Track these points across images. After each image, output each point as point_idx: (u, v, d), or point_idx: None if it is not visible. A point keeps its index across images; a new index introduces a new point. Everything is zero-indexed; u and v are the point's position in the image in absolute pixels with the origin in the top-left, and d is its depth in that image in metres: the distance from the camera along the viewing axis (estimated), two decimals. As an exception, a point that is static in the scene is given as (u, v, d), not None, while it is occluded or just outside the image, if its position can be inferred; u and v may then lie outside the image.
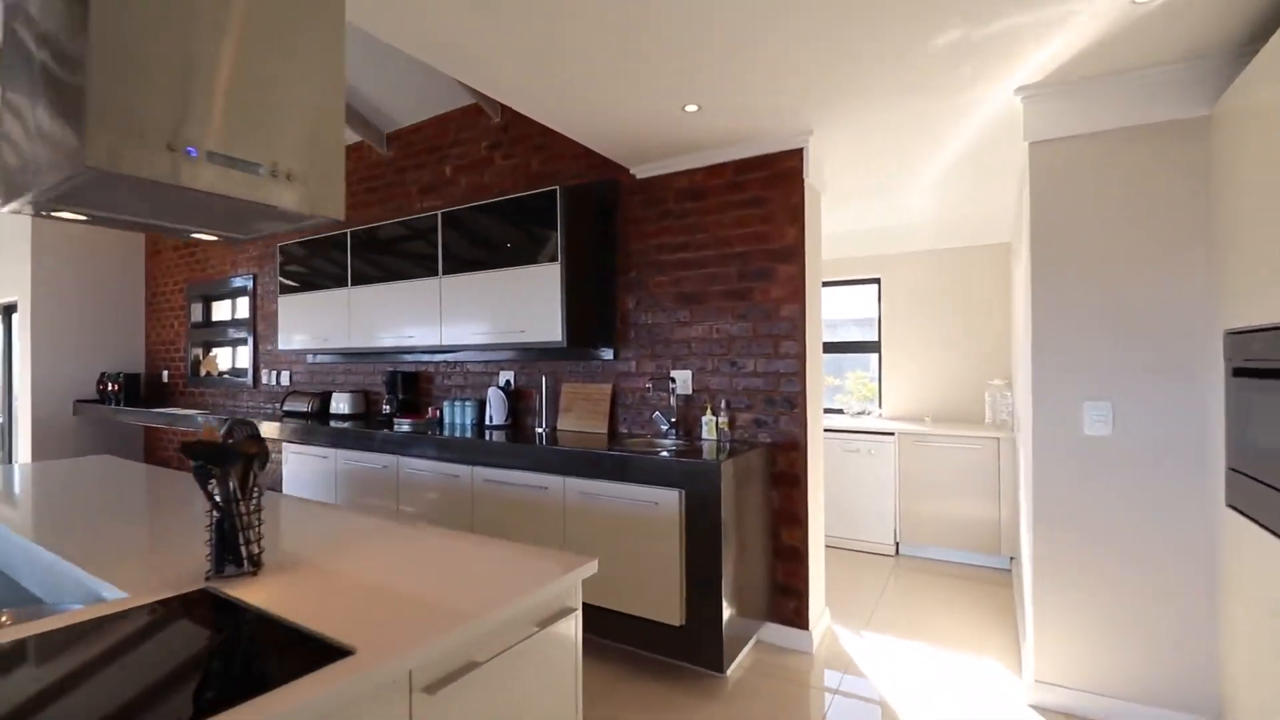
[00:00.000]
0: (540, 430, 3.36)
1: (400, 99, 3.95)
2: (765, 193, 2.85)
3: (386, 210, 4.30)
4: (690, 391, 3.03)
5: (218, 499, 1.30)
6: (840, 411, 4.77)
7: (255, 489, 1.35)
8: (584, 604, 2.68)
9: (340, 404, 4.31)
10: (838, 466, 4.19)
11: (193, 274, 5.97)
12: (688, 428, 3.05)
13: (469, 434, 3.31)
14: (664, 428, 2.99)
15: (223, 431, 1.31)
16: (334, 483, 3.74)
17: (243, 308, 5.51)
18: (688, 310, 3.06)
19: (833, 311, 5.03)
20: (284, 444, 4.05)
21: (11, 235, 6.01)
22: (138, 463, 2.66)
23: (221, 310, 5.82)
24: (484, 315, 3.32)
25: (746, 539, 2.58)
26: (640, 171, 3.16)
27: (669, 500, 2.44)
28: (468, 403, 3.73)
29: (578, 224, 3.09)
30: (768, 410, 2.84)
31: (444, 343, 3.49)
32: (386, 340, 3.76)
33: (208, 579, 1.28)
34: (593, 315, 3.20)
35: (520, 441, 3.00)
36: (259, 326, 5.32)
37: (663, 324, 3.13)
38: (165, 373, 6.34)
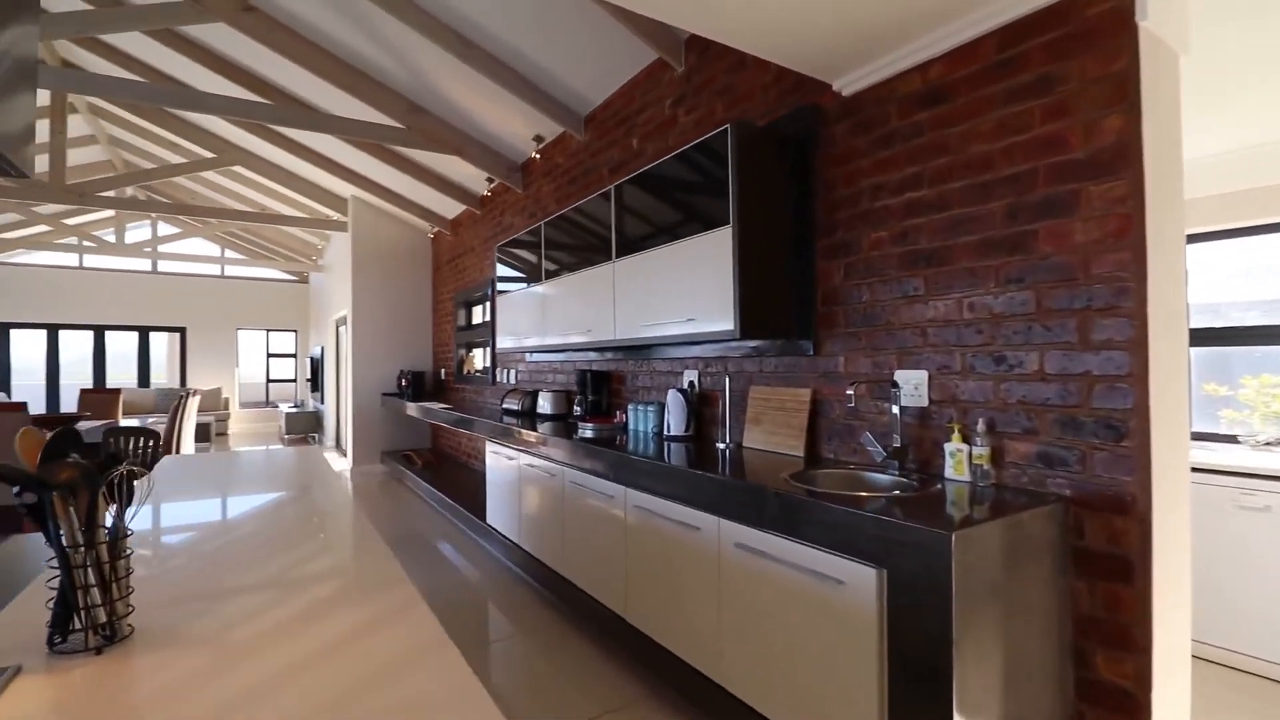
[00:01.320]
0: (721, 446, 2.61)
1: (589, 73, 3.58)
2: (1057, 65, 1.66)
3: (585, 198, 4.00)
4: (925, 402, 1.97)
5: (64, 542, 0.91)
6: (1233, 440, 2.94)
7: (107, 530, 0.93)
8: (723, 690, 1.88)
9: (545, 403, 4.15)
10: (1224, 533, 2.50)
11: (459, 283, 6.63)
12: (921, 458, 1.99)
13: (650, 444, 2.74)
14: (879, 456, 1.99)
15: (48, 446, 0.91)
16: (518, 486, 3.53)
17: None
18: (920, 278, 2.00)
19: (1211, 279, 3.19)
20: (486, 441, 4.03)
21: (341, 259, 7.46)
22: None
23: (479, 314, 6.33)
24: (650, 301, 2.71)
25: (1017, 666, 1.47)
26: (848, 84, 2.19)
27: (860, 582, 1.49)
28: (649, 407, 3.16)
29: (757, 172, 2.27)
30: (1068, 438, 1.64)
31: (617, 337, 2.98)
32: (573, 336, 3.41)
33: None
34: (780, 293, 2.34)
35: (701, 459, 2.31)
36: (495, 328, 5.59)
37: (882, 301, 2.12)
38: (442, 371, 7.21)
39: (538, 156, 4.51)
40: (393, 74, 4.19)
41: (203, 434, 9.51)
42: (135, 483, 0.99)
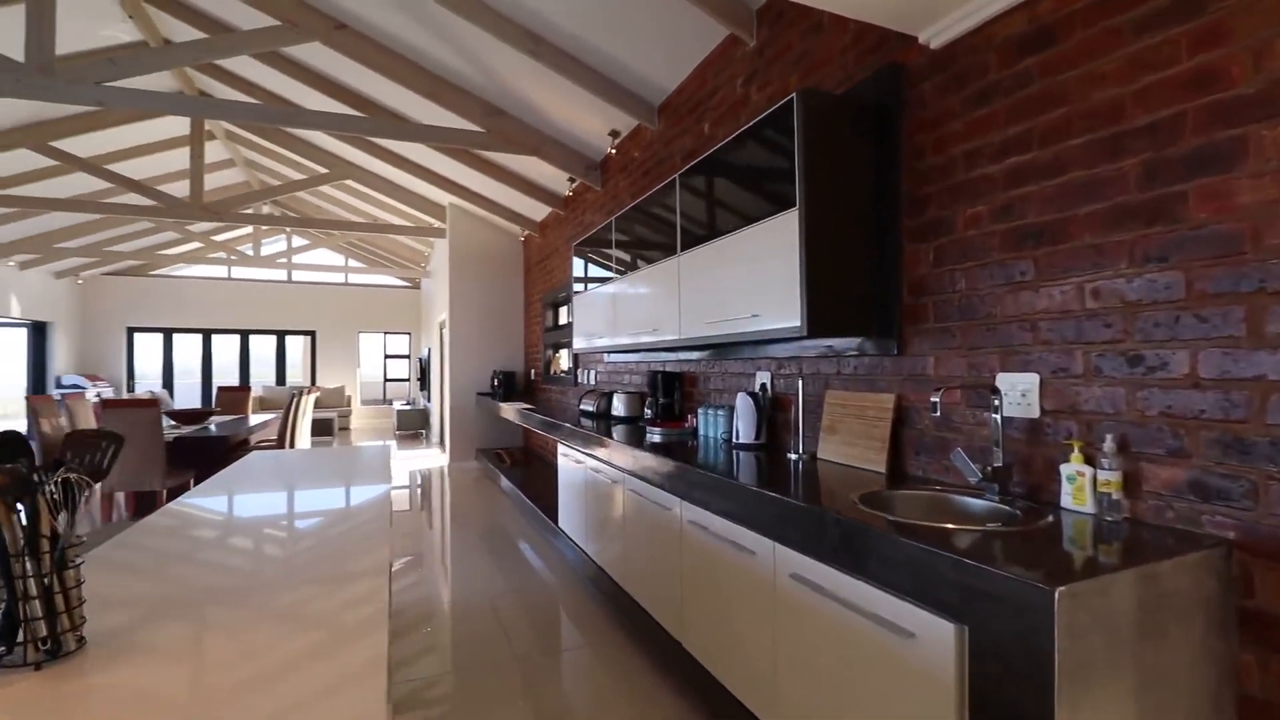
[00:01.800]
0: (792, 457, 2.34)
1: (660, 60, 3.40)
2: (1218, -26, 1.27)
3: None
4: (1035, 413, 1.61)
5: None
6: None
7: (46, 538, 0.87)
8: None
9: (619, 405, 4.03)
10: None
11: (546, 284, 6.69)
12: (1029, 482, 1.62)
13: (718, 453, 2.53)
14: (974, 477, 1.65)
15: None
16: (583, 490, 3.42)
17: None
18: (1028, 259, 1.64)
19: None
20: (559, 443, 3.96)
21: (443, 265, 7.79)
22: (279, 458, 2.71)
23: (564, 315, 6.36)
24: (713, 297, 2.49)
25: (1152, 761, 1.11)
26: (938, 34, 1.86)
27: (935, 637, 1.20)
28: (719, 411, 2.94)
29: (828, 146, 1.99)
30: (1231, 463, 1.25)
31: (682, 336, 2.78)
32: (641, 335, 3.25)
33: None
34: (857, 284, 2.04)
35: (765, 471, 2.08)
36: (573, 328, 5.56)
37: (981, 290, 1.77)
38: (532, 371, 7.32)
39: (613, 152, 4.40)
40: (471, 78, 4.24)
41: (326, 428, 10.35)
42: (86, 492, 0.94)
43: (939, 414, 1.56)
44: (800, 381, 2.41)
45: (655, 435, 3.09)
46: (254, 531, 1.58)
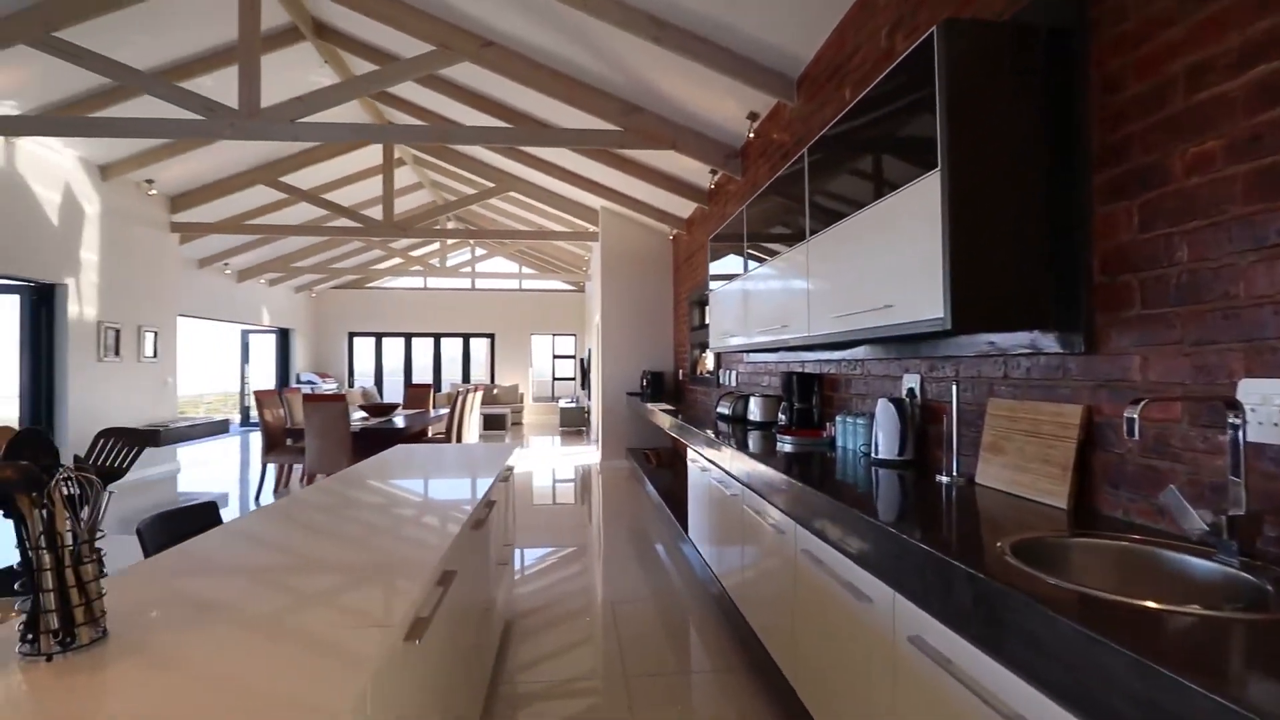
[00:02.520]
0: (943, 480, 1.90)
1: (794, 26, 3.06)
2: None
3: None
4: (1308, 438, 1.07)
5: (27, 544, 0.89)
6: None
7: (59, 538, 0.88)
8: None
9: (755, 409, 3.73)
10: None
11: (693, 282, 6.54)
12: (1297, 539, 1.09)
13: (856, 468, 2.18)
14: (1197, 527, 1.14)
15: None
16: (706, 499, 3.19)
17: (715, 309, 5.65)
18: (1291, 213, 1.10)
19: None
20: (687, 449, 3.77)
21: (598, 268, 7.98)
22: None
23: (708, 314, 6.15)
24: (841, 287, 2.14)
25: None
26: (1143, -87, 1.35)
27: (1109, 772, 0.80)
28: (859, 420, 2.54)
29: (980, 88, 1.57)
30: None
31: (811, 333, 2.44)
32: (770, 333, 2.95)
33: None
34: (1024, 260, 1.57)
35: (910, 496, 1.73)
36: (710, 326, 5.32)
37: (1214, 260, 1.24)
38: (680, 372, 7.21)
39: (752, 136, 4.10)
40: (606, 77, 4.22)
41: (500, 423, 11.23)
42: (107, 489, 0.95)
43: (1136, 435, 1.09)
44: (955, 387, 1.95)
45: (786, 444, 2.77)
46: (336, 514, 1.61)
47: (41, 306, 5.46)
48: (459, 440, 6.16)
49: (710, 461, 3.12)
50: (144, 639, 0.94)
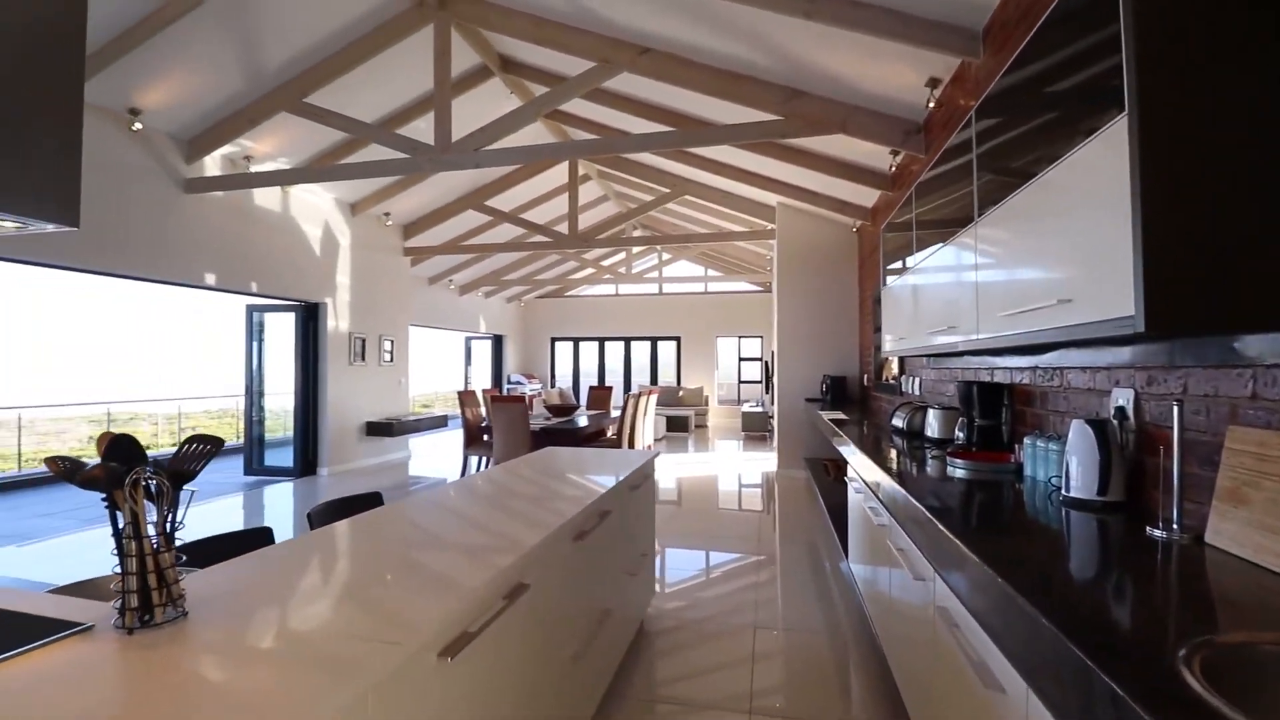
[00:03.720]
0: (1158, 535, 1.40)
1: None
2: None
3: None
4: None
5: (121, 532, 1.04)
6: None
7: (140, 529, 1.01)
8: None
9: (932, 423, 3.22)
10: None
11: (879, 278, 5.92)
12: None
13: (1043, 506, 1.76)
14: None
15: (104, 449, 1.03)
16: (860, 523, 2.80)
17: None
18: None
19: None
20: (847, 464, 3.37)
21: (774, 275, 7.65)
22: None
23: (896, 312, 5.52)
24: (1009, 277, 1.71)
25: None
26: None
27: None
28: (1051, 444, 2.02)
29: (1184, 5, 1.12)
30: None
31: (979, 334, 2.01)
32: (938, 335, 2.52)
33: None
34: (1260, 232, 1.08)
35: (1114, 549, 1.34)
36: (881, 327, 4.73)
37: None
38: (864, 377, 6.58)
39: (933, 105, 3.55)
40: (762, 65, 3.99)
41: (683, 425, 11.35)
42: (185, 486, 1.07)
43: None
44: (1176, 408, 1.43)
45: (957, 469, 2.32)
46: (435, 517, 1.69)
47: (309, 321, 6.85)
48: (631, 442, 6.32)
49: (864, 482, 2.75)
50: (219, 620, 1.05)
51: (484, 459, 6.38)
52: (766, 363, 11.34)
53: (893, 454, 2.77)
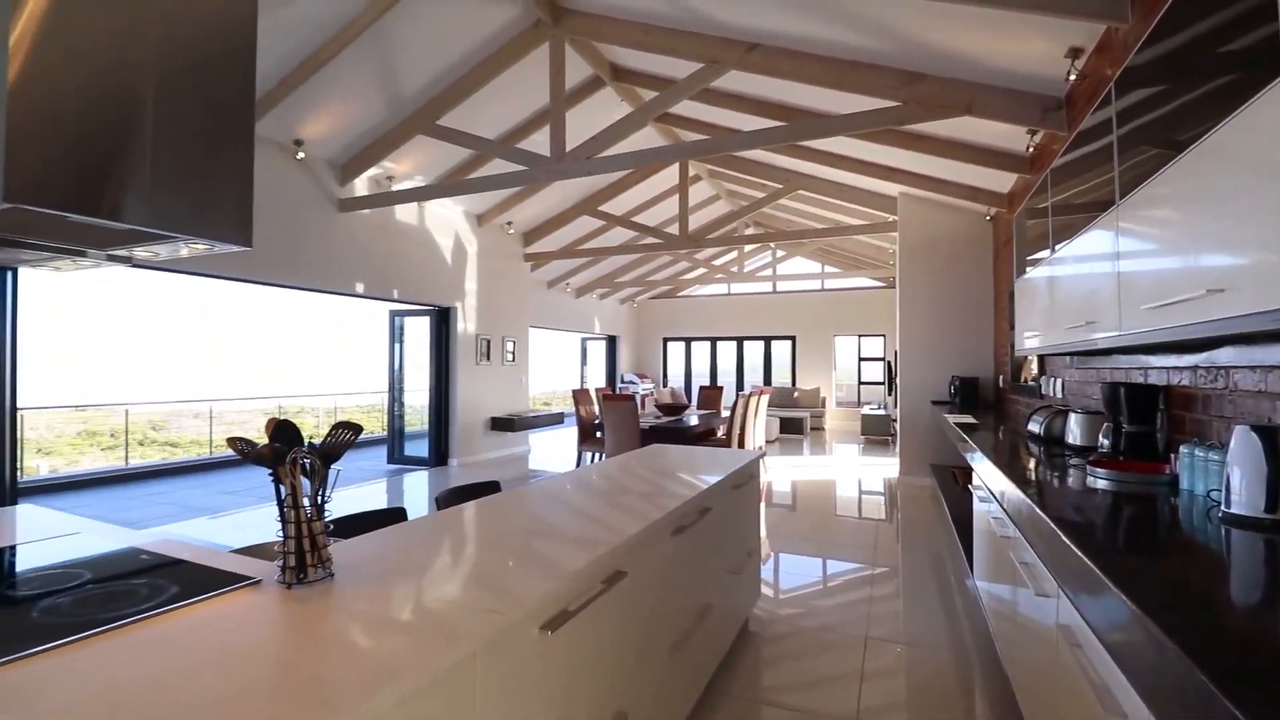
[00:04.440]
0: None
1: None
2: None
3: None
4: None
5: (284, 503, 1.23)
6: None
7: (297, 499, 1.18)
8: None
9: (1074, 429, 2.91)
10: None
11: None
12: None
13: (1199, 522, 1.58)
14: None
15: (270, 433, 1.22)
16: (985, 535, 2.59)
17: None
18: None
19: None
20: (972, 473, 3.13)
21: (896, 270, 7.24)
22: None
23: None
24: (1155, 265, 1.54)
25: None
26: None
27: None
28: (1211, 454, 1.78)
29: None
30: None
31: (1123, 330, 1.82)
32: (1078, 332, 2.29)
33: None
34: None
35: (1248, 585, 1.21)
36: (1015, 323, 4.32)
37: None
38: (1000, 378, 6.05)
39: (1074, 78, 3.21)
40: (876, 50, 3.81)
41: (798, 427, 11.04)
42: (332, 466, 1.24)
43: None
44: (1375, 411, 1.22)
45: (1099, 479, 2.09)
46: (545, 505, 1.81)
47: (441, 324, 7.47)
48: (741, 443, 6.27)
49: (989, 490, 2.56)
50: (359, 582, 1.21)
51: (596, 454, 6.61)
52: (889, 363, 10.75)
53: (1024, 461, 2.56)
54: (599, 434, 6.34)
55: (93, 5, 1.19)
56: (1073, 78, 3.23)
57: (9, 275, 4.43)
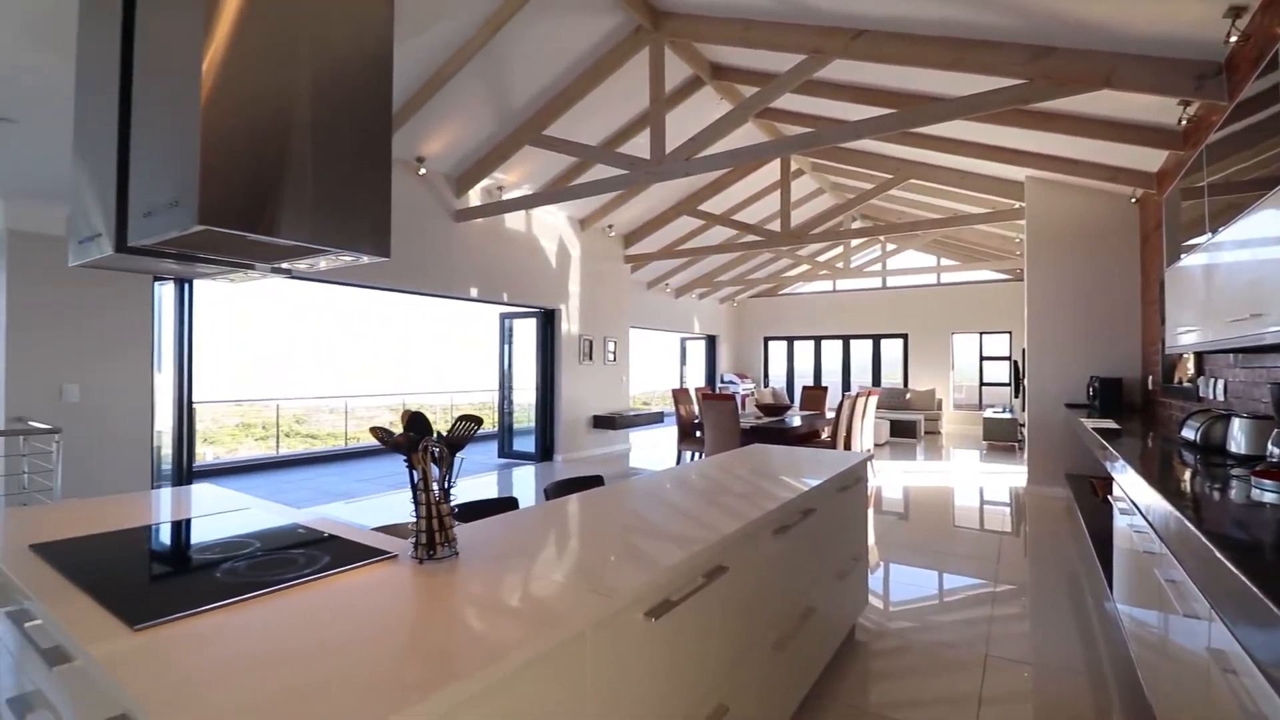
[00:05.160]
0: None
1: None
2: None
3: None
4: None
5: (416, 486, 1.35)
6: None
7: (427, 483, 1.31)
8: None
9: (1237, 436, 2.57)
10: None
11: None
12: None
13: None
14: None
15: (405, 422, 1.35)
16: (1126, 552, 2.34)
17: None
18: None
19: None
20: (1113, 484, 2.82)
21: (1024, 260, 6.67)
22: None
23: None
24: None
25: None
26: None
27: None
28: None
29: None
30: None
31: (1301, 321, 1.60)
32: (1244, 326, 2.03)
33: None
34: None
35: None
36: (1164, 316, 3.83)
37: None
38: (1149, 379, 5.41)
39: (1235, 39, 2.83)
40: (998, 25, 3.55)
41: (910, 431, 10.45)
42: (457, 455, 1.35)
43: None
44: None
45: (1266, 491, 1.84)
46: (648, 502, 1.86)
47: (547, 325, 7.80)
48: (846, 445, 6.04)
49: (1131, 501, 2.31)
50: (481, 561, 1.32)
51: (696, 453, 6.63)
52: (1016, 362, 9.92)
53: (1176, 472, 2.29)
54: (698, 433, 6.35)
55: (257, 45, 1.38)
56: (1233, 39, 2.84)
57: (186, 287, 5.16)
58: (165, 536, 1.58)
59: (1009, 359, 11.54)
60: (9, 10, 2.52)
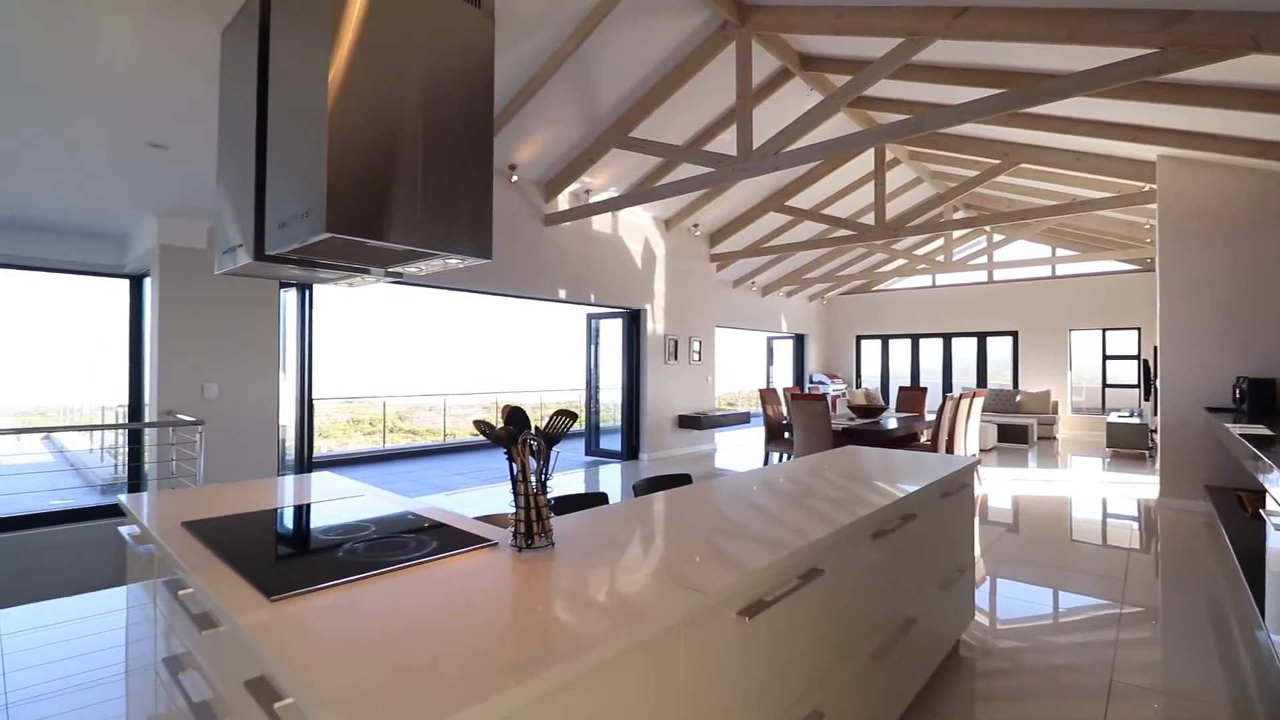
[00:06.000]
0: None
1: None
2: None
3: None
4: None
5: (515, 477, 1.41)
6: None
7: (526, 475, 1.36)
8: None
9: None
10: None
11: (1336, 241, 4.24)
12: None
13: None
14: None
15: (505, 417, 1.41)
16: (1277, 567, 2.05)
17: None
18: None
19: None
20: (1265, 494, 2.48)
21: (1156, 249, 6.02)
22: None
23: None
24: None
25: None
26: None
27: None
28: None
29: None
30: None
31: None
32: None
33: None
34: None
35: None
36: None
37: None
38: (1314, 380, 4.73)
39: None
40: (1125, -10, 3.23)
41: (1021, 435, 9.71)
42: (553, 449, 1.40)
43: None
44: None
45: None
46: (742, 501, 1.84)
47: (633, 325, 7.89)
48: (949, 449, 5.70)
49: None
50: (576, 552, 1.37)
51: (784, 454, 6.48)
52: (1146, 361, 8.99)
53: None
54: (786, 434, 6.21)
55: (374, 69, 1.49)
56: None
57: (307, 292, 5.64)
58: (292, 519, 1.73)
59: (1138, 358, 10.46)
60: (173, 48, 2.86)
